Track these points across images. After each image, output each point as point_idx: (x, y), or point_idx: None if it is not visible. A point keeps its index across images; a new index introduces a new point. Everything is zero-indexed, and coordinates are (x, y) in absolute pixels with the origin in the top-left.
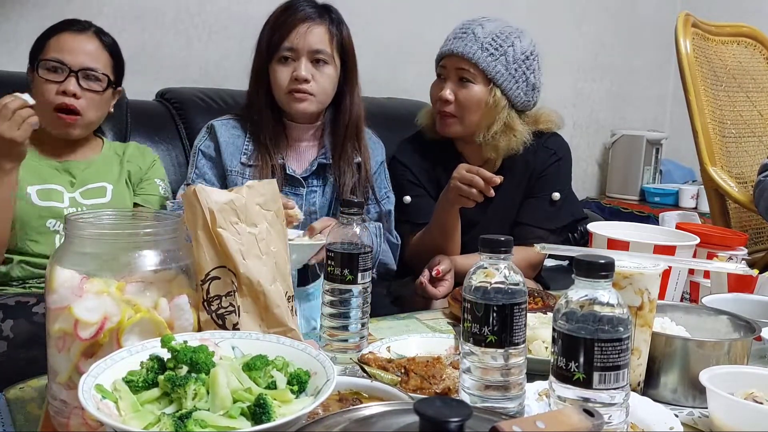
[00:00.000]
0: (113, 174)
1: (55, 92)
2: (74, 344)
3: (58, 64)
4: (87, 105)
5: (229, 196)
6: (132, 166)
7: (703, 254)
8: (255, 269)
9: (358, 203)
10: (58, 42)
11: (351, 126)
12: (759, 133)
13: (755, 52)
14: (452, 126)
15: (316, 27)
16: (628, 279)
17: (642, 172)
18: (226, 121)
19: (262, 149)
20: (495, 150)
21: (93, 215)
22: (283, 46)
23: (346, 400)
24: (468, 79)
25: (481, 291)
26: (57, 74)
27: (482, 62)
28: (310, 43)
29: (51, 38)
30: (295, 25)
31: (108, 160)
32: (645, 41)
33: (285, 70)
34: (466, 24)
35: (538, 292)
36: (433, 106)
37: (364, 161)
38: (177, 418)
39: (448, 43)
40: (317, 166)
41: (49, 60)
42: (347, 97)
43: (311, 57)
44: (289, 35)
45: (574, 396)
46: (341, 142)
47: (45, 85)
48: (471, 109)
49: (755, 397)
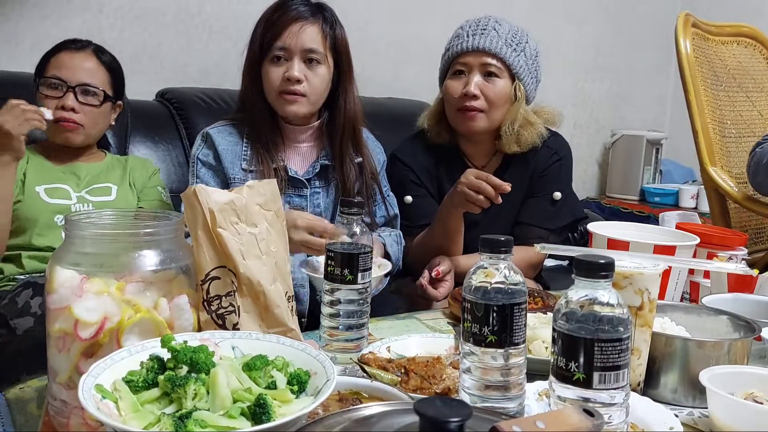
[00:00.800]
0: (117, 176)
1: (54, 107)
2: (74, 344)
3: (57, 81)
4: (86, 118)
5: (230, 197)
6: (135, 173)
7: (703, 254)
8: (255, 269)
9: (358, 203)
10: (58, 60)
11: (348, 126)
12: (759, 133)
13: (755, 52)
14: (479, 121)
15: (309, 26)
16: (628, 279)
17: (642, 172)
18: (220, 128)
19: (261, 153)
20: (518, 143)
21: (93, 215)
22: (276, 46)
23: (346, 400)
24: (494, 74)
25: (481, 291)
26: (57, 90)
27: (508, 57)
28: (303, 43)
29: (51, 58)
30: (287, 24)
31: (111, 166)
32: (645, 41)
33: (277, 70)
34: (480, 22)
35: (538, 292)
36: (451, 103)
37: (365, 161)
38: (177, 418)
39: (468, 40)
40: (320, 168)
41: (48, 77)
42: (342, 97)
43: (304, 57)
44: (281, 35)
45: (574, 396)
46: (339, 143)
47: (45, 101)
48: (498, 104)
49: (755, 397)
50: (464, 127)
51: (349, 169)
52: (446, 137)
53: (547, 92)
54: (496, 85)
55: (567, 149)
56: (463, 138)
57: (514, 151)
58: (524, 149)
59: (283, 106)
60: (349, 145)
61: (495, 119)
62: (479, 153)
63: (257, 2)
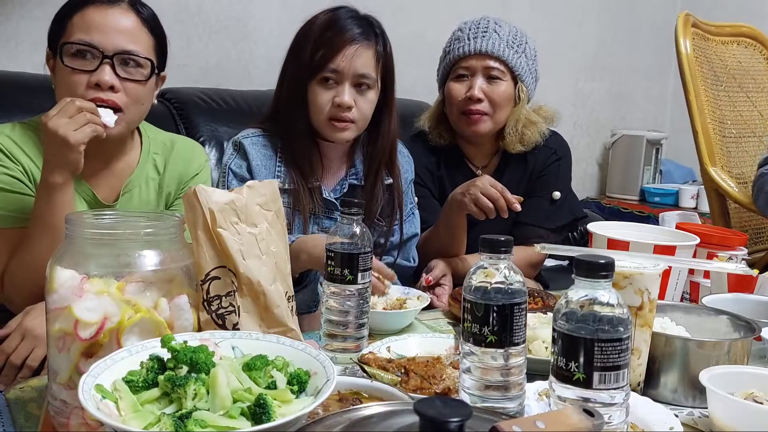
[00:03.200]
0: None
1: (86, 85)
2: (74, 344)
3: (86, 48)
4: (128, 99)
5: (230, 197)
6: (172, 186)
7: (703, 254)
8: (255, 269)
9: (358, 203)
10: (84, 19)
11: (386, 150)
12: (759, 133)
13: (755, 52)
14: (483, 123)
15: (364, 50)
16: (628, 279)
17: (642, 172)
18: (255, 139)
19: (296, 172)
20: (522, 143)
21: (93, 215)
22: (328, 68)
23: (346, 400)
24: (497, 77)
25: (481, 291)
26: (86, 61)
27: (511, 59)
28: (356, 68)
29: (74, 15)
30: (342, 46)
31: (143, 179)
32: (645, 41)
33: (326, 93)
34: (480, 24)
35: (538, 292)
36: (455, 106)
37: (395, 183)
38: (177, 418)
39: (469, 43)
40: (348, 188)
41: (74, 43)
42: (386, 120)
43: (355, 81)
44: (335, 57)
45: (574, 396)
46: (376, 167)
47: (72, 76)
48: (501, 106)
49: (755, 397)
50: (469, 130)
51: (378, 191)
52: (447, 139)
53: (547, 92)
54: (499, 88)
55: (566, 148)
56: (463, 139)
57: (518, 151)
58: (528, 148)
59: (331, 133)
60: (383, 167)
61: (499, 121)
62: (480, 154)
63: (257, 2)
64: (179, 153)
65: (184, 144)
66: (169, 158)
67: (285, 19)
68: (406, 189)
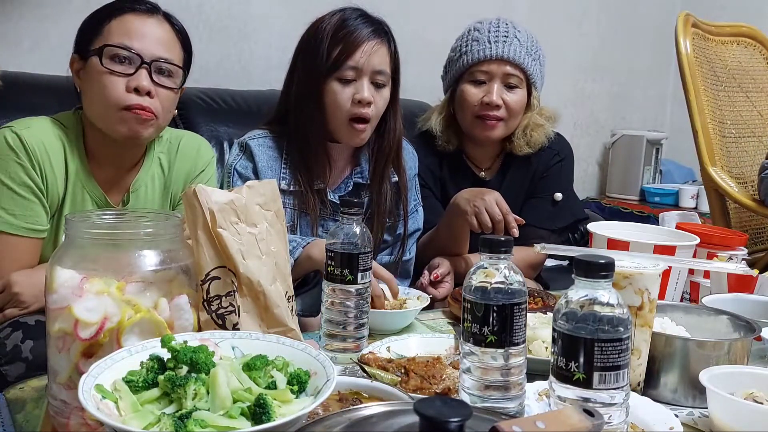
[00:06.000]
0: (156, 205)
1: (124, 88)
2: (74, 344)
3: (127, 52)
4: (160, 106)
5: (230, 196)
6: (178, 185)
7: (703, 254)
8: (255, 269)
9: (358, 203)
10: (124, 25)
11: (393, 148)
12: (759, 133)
13: (755, 52)
14: (498, 129)
15: (380, 47)
16: (628, 279)
17: (642, 172)
18: (261, 140)
19: (302, 175)
20: (529, 145)
21: (93, 215)
22: (347, 65)
23: (346, 400)
24: (515, 85)
25: (481, 291)
26: (125, 65)
27: (529, 68)
28: (374, 65)
29: (113, 20)
30: (360, 43)
31: (148, 178)
32: (645, 41)
33: (346, 90)
34: (499, 27)
35: (538, 292)
36: (469, 109)
37: (401, 180)
38: (177, 418)
39: (490, 47)
40: (352, 186)
41: (116, 46)
42: (392, 118)
43: (372, 78)
44: (354, 53)
45: (574, 396)
46: (382, 166)
47: (110, 78)
48: (517, 113)
49: (755, 397)
50: (483, 135)
51: (386, 189)
52: (455, 144)
53: (547, 92)
54: (517, 95)
55: (569, 150)
56: (470, 142)
57: (525, 153)
58: (534, 150)
59: (349, 136)
60: (389, 165)
61: (512, 127)
62: (484, 156)
63: (257, 2)
64: (184, 152)
65: (190, 142)
66: (175, 157)
67: (285, 19)
68: (410, 184)
